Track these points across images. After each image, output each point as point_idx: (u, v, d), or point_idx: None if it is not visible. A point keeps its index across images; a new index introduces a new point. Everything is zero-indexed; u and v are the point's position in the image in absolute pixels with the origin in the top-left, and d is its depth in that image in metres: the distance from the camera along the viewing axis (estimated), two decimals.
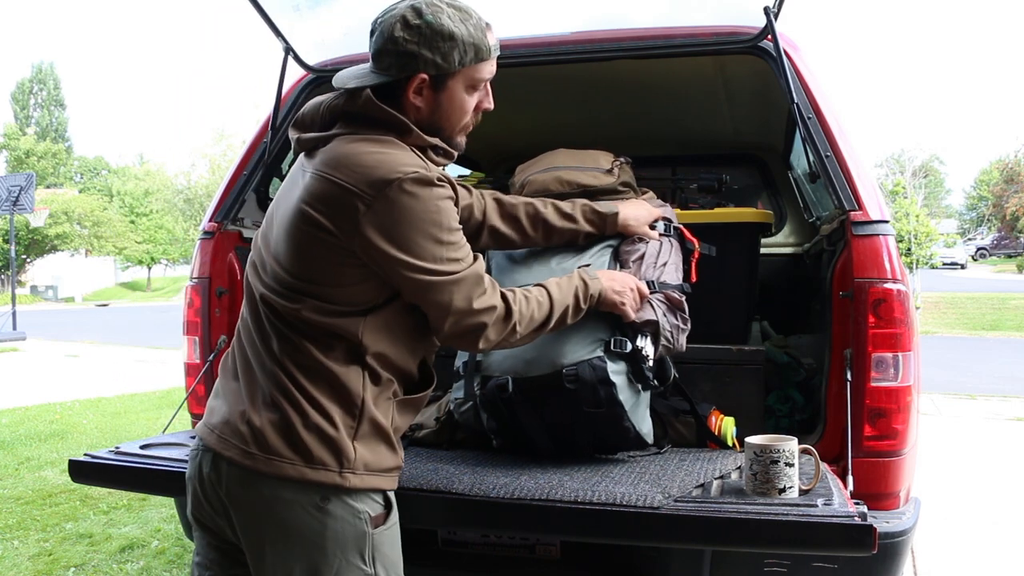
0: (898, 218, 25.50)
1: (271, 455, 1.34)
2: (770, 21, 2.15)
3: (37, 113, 55.69)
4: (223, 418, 1.41)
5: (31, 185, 16.45)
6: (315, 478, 1.34)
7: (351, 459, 1.36)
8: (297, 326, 1.38)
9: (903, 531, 1.85)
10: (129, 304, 37.73)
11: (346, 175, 1.35)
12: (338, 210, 1.34)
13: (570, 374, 1.81)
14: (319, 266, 1.38)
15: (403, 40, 1.39)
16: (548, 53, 2.51)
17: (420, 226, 1.35)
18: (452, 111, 1.47)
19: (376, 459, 1.40)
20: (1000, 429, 6.70)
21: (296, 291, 1.39)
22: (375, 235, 1.34)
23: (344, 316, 1.38)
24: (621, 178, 2.29)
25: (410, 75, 1.41)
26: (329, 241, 1.35)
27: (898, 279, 1.96)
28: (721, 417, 2.07)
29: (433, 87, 1.43)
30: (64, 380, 9.75)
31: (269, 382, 1.39)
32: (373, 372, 1.41)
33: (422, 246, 1.36)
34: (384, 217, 1.33)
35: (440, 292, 1.39)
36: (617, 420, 1.85)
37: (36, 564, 3.45)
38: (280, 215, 1.45)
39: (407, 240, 1.35)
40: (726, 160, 3.85)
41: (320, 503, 1.35)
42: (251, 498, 1.36)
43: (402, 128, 1.42)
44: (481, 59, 1.44)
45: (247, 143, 2.73)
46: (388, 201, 1.33)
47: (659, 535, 1.62)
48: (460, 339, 1.46)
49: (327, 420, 1.36)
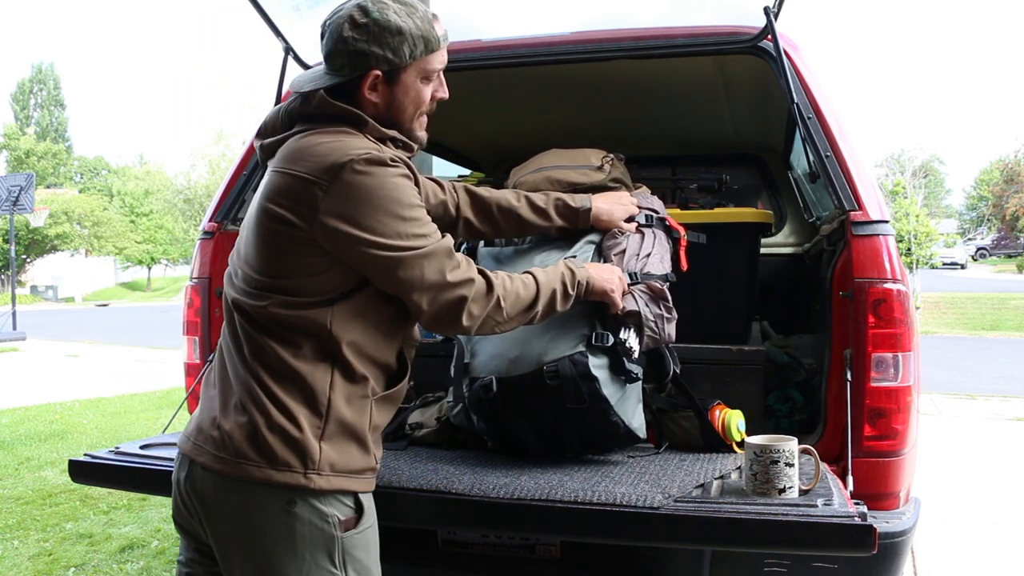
0: (898, 218, 25.50)
1: (239, 458, 1.35)
2: (770, 21, 2.15)
3: (37, 113, 55.70)
4: (197, 425, 1.43)
5: (31, 185, 16.46)
6: (280, 480, 1.34)
7: (316, 460, 1.35)
8: (265, 326, 1.38)
9: (903, 531, 1.85)
10: (129, 304, 37.73)
11: (301, 166, 1.37)
12: (297, 201, 1.35)
13: (551, 371, 1.81)
14: (284, 260, 1.38)
15: (352, 39, 1.42)
16: (548, 53, 2.51)
17: (378, 203, 1.36)
18: (407, 103, 1.49)
19: (344, 460, 1.39)
20: (1000, 429, 6.70)
21: (263, 288, 1.39)
22: (335, 220, 1.34)
23: (311, 307, 1.38)
24: (612, 174, 2.28)
25: (363, 73, 1.44)
26: (292, 234, 1.36)
27: (898, 279, 1.96)
28: (725, 410, 2.06)
29: (387, 82, 1.46)
30: (64, 380, 9.75)
31: (240, 387, 1.39)
32: (345, 369, 1.40)
33: (384, 223, 1.36)
34: (341, 200, 1.34)
35: (410, 268, 1.38)
36: (603, 415, 1.84)
37: (36, 564, 3.45)
38: (247, 220, 1.47)
39: (367, 219, 1.35)
40: (726, 160, 3.85)
41: (286, 506, 1.34)
42: (221, 502, 1.37)
43: (357, 121, 1.44)
44: (431, 50, 1.46)
45: (247, 143, 2.73)
46: (343, 184, 1.34)
47: (659, 535, 1.62)
48: (442, 317, 1.44)
49: (291, 421, 1.35)
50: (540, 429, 1.93)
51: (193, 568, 1.51)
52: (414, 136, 1.53)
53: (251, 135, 2.72)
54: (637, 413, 1.94)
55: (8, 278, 27.36)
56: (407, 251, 1.37)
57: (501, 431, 1.97)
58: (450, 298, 1.42)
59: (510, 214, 1.93)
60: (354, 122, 1.44)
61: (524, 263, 2.04)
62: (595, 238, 2.06)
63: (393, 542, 2.02)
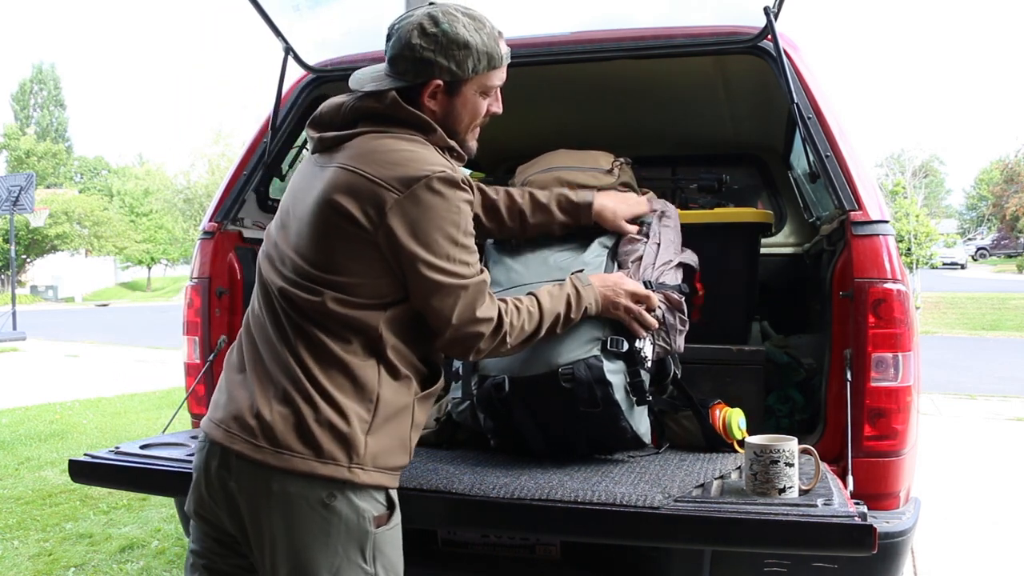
0: (898, 218, 25.50)
1: (281, 449, 1.35)
2: (770, 21, 2.15)
3: (37, 113, 55.70)
4: (229, 412, 1.41)
5: (31, 185, 16.46)
6: (324, 472, 1.35)
7: (361, 454, 1.38)
8: (316, 319, 1.40)
9: (903, 531, 1.86)
10: (129, 304, 37.74)
11: (375, 170, 1.39)
12: (367, 203, 1.37)
13: (566, 373, 1.81)
14: (343, 258, 1.40)
15: (420, 47, 1.44)
16: (548, 53, 2.51)
17: (441, 224, 1.39)
18: (464, 115, 1.52)
19: (385, 456, 1.42)
20: (1000, 429, 6.70)
21: (318, 283, 1.40)
22: (400, 229, 1.37)
23: (366, 309, 1.40)
24: (621, 178, 2.29)
25: (425, 81, 1.46)
26: (355, 233, 1.38)
27: (898, 279, 1.96)
28: (725, 409, 2.07)
29: (447, 92, 1.49)
30: (64, 380, 9.75)
31: (282, 375, 1.39)
32: (391, 367, 1.43)
33: (440, 244, 1.40)
34: (410, 213, 1.37)
35: (447, 296, 1.42)
36: (614, 420, 1.85)
37: (36, 564, 3.45)
38: (301, 210, 1.46)
39: (427, 237, 1.39)
40: (726, 160, 3.85)
41: (326, 499, 1.35)
42: (259, 492, 1.37)
43: (427, 128, 1.47)
44: (493, 67, 1.51)
45: (247, 143, 2.73)
46: (415, 198, 1.37)
47: (659, 535, 1.62)
48: (455, 347, 1.50)
49: (340, 415, 1.37)
50: (548, 430, 1.93)
51: (209, 559, 1.50)
52: (466, 147, 1.56)
53: (250, 135, 2.73)
54: (643, 419, 1.95)
55: (8, 278, 27.37)
56: (451, 276, 1.42)
57: (507, 431, 1.97)
58: (470, 332, 1.47)
59: (514, 211, 1.94)
60: (423, 129, 1.46)
61: (537, 262, 2.04)
62: (608, 242, 2.06)
63: None
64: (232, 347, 1.54)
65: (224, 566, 1.49)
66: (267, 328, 1.45)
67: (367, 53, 2.69)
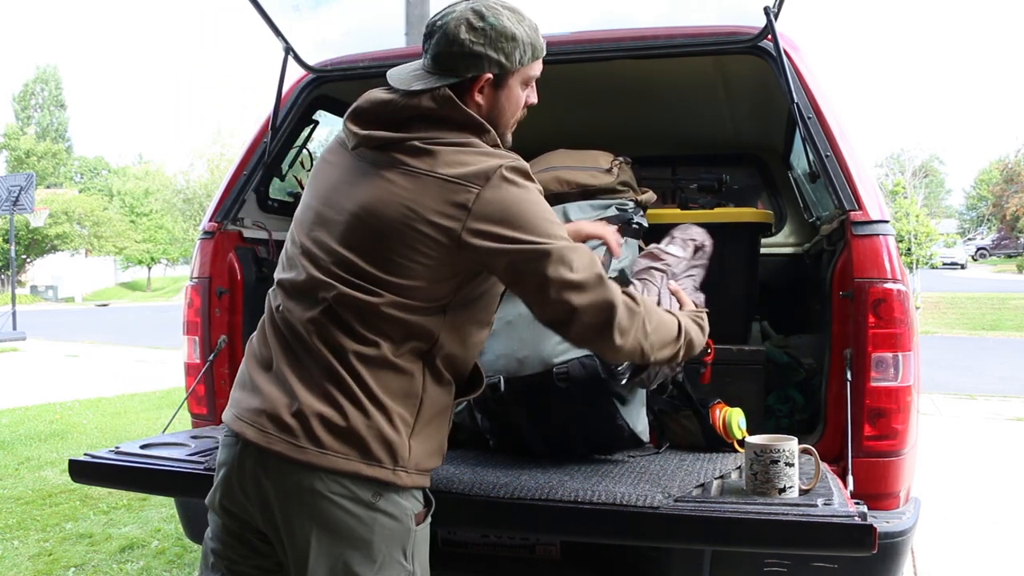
0: (898, 218, 25.51)
1: (324, 449, 1.34)
2: (770, 21, 2.15)
3: (38, 114, 55.71)
4: (263, 409, 1.38)
5: (31, 185, 16.45)
6: (369, 474, 1.35)
7: (405, 457, 1.38)
8: (369, 319, 1.37)
9: (903, 531, 1.86)
10: (129, 304, 37.74)
11: (447, 170, 1.37)
12: (446, 203, 1.35)
13: (561, 372, 1.81)
14: (409, 261, 1.37)
15: (470, 42, 1.43)
16: (548, 53, 2.50)
17: (527, 208, 1.39)
18: (508, 108, 1.51)
19: (426, 459, 1.42)
20: (1000, 429, 6.70)
21: (377, 284, 1.37)
22: (488, 221, 1.35)
23: (423, 313, 1.39)
24: (620, 177, 2.29)
25: (476, 75, 1.45)
26: (430, 236, 1.35)
27: (898, 279, 1.96)
28: (725, 409, 2.07)
29: (495, 86, 1.48)
30: (64, 380, 9.75)
31: (324, 375, 1.37)
32: (436, 372, 1.43)
33: (535, 223, 1.38)
34: (495, 202, 1.36)
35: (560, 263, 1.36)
36: (610, 419, 1.85)
37: (36, 564, 3.45)
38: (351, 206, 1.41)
39: (519, 219, 1.37)
40: (726, 160, 3.85)
41: (372, 499, 1.36)
42: (299, 491, 1.36)
43: (480, 128, 1.46)
44: (536, 57, 1.51)
45: (247, 143, 2.73)
46: (496, 187, 1.37)
47: (659, 535, 1.62)
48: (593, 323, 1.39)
49: (385, 416, 1.37)
50: (545, 430, 1.93)
51: (231, 560, 1.48)
52: (506, 141, 1.54)
53: (250, 135, 2.73)
54: (641, 417, 1.95)
55: (8, 278, 27.36)
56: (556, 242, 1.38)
57: (505, 430, 1.97)
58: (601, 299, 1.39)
59: None
60: (478, 130, 1.45)
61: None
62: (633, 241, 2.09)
63: None
64: (253, 340, 1.50)
65: (246, 568, 1.47)
66: (305, 325, 1.40)
67: (367, 53, 2.69)
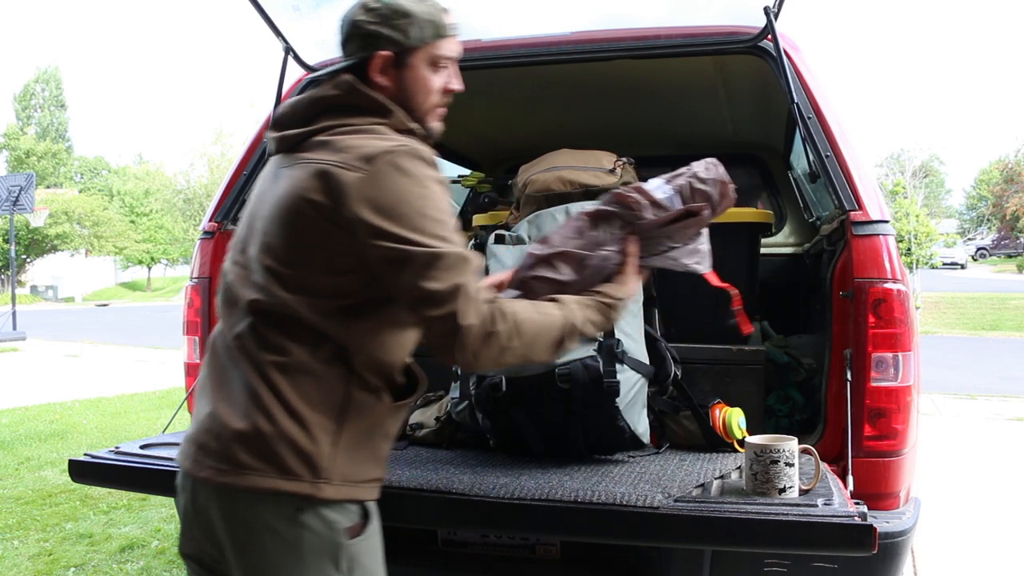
0: (898, 218, 25.51)
1: (243, 469, 1.32)
2: (770, 21, 2.15)
3: (38, 114, 55.72)
4: (195, 438, 1.39)
5: (31, 185, 16.45)
6: (288, 489, 1.31)
7: (326, 469, 1.32)
8: (284, 325, 1.35)
9: (903, 531, 1.85)
10: (129, 304, 37.73)
11: (338, 156, 1.34)
12: (330, 187, 1.32)
13: (563, 373, 1.81)
14: (310, 254, 1.35)
15: (364, 22, 1.43)
16: (548, 53, 2.51)
17: (407, 198, 1.31)
18: (417, 90, 1.47)
19: (355, 470, 1.36)
20: (1000, 429, 6.70)
21: (287, 285, 1.35)
22: (363, 206, 1.30)
23: (340, 315, 1.35)
24: (623, 178, 2.30)
25: (372, 53, 1.44)
26: (320, 223, 1.32)
27: (898, 279, 1.96)
28: (725, 409, 2.07)
29: (396, 65, 1.45)
30: (64, 380, 9.75)
31: (244, 391, 1.35)
32: (361, 378, 1.37)
33: (408, 217, 1.30)
34: (373, 187, 1.30)
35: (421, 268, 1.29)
36: (611, 420, 1.85)
37: (36, 564, 3.45)
38: (266, 211, 1.42)
39: (393, 210, 1.30)
40: (726, 160, 3.84)
41: (294, 515, 1.32)
42: (228, 514, 1.35)
43: (384, 111, 1.43)
44: (440, 36, 1.46)
45: (247, 143, 2.73)
46: (378, 172, 1.31)
47: (659, 535, 1.62)
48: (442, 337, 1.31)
49: (302, 427, 1.32)
50: (546, 430, 1.93)
51: None
52: (428, 128, 1.50)
53: (251, 135, 2.73)
54: (642, 419, 1.95)
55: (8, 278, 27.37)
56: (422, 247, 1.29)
57: (506, 431, 1.97)
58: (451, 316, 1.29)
59: None
60: (381, 112, 1.43)
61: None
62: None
63: (393, 542, 2.03)
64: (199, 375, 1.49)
65: None
66: (231, 344, 1.39)
67: None
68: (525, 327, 1.34)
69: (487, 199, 2.95)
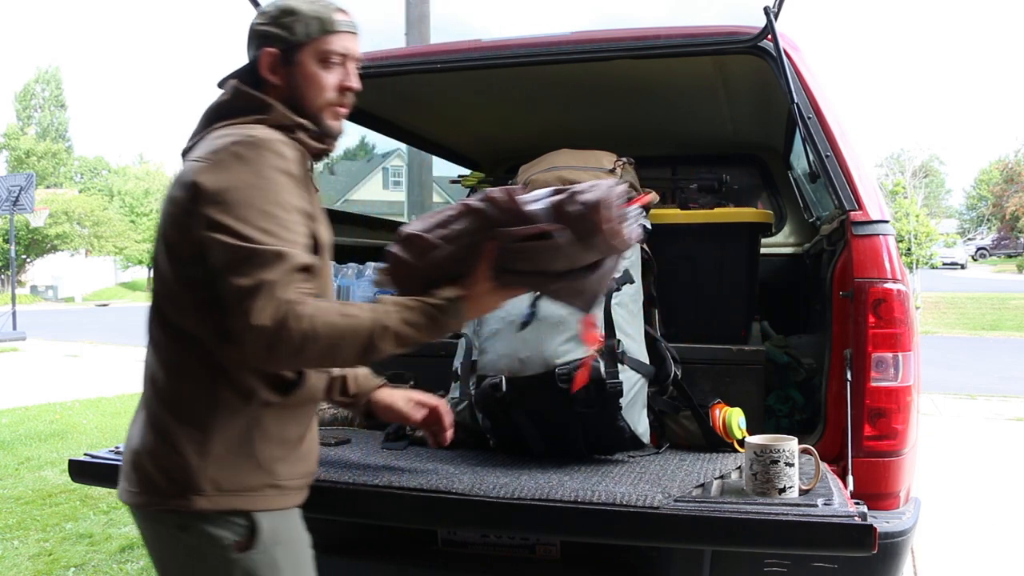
0: (898, 218, 25.52)
1: (132, 488, 1.36)
2: (770, 21, 2.15)
3: (38, 114, 55.72)
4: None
5: (31, 185, 16.44)
6: (167, 506, 1.31)
7: (195, 481, 1.30)
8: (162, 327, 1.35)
9: (903, 531, 1.85)
10: (129, 304, 37.70)
11: (198, 154, 1.34)
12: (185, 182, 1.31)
13: (563, 373, 1.81)
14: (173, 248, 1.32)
15: (256, 24, 1.47)
16: (548, 53, 2.51)
17: (239, 186, 1.27)
18: (307, 86, 1.45)
19: (232, 478, 1.32)
20: (1000, 429, 6.70)
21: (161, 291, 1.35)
22: (201, 195, 1.27)
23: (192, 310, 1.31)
24: (623, 178, 2.30)
25: (260, 52, 1.45)
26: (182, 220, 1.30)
27: (898, 279, 1.96)
28: (725, 409, 2.07)
29: (284, 63, 1.45)
30: (64, 380, 9.75)
31: (141, 410, 1.40)
32: (230, 381, 1.32)
33: (236, 206, 1.26)
34: (212, 177, 1.28)
35: (239, 262, 1.23)
36: (611, 420, 1.85)
37: (36, 564, 3.45)
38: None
39: (223, 196, 1.27)
40: (726, 160, 3.85)
41: (179, 532, 1.32)
42: (143, 533, 1.41)
43: (262, 107, 1.42)
44: (326, 31, 1.45)
45: None
46: (219, 163, 1.29)
47: (659, 535, 1.62)
48: (243, 338, 1.23)
49: (167, 442, 1.32)
50: (546, 430, 1.93)
51: None
52: (323, 125, 1.47)
53: None
54: (642, 419, 1.95)
55: (8, 278, 27.37)
56: (241, 240, 1.23)
57: (505, 430, 1.97)
58: (247, 315, 1.22)
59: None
60: (260, 109, 1.42)
61: None
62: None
63: (393, 542, 2.03)
64: None
65: None
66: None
67: (367, 53, 2.69)
68: (323, 331, 1.23)
69: None
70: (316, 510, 1.50)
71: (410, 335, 1.31)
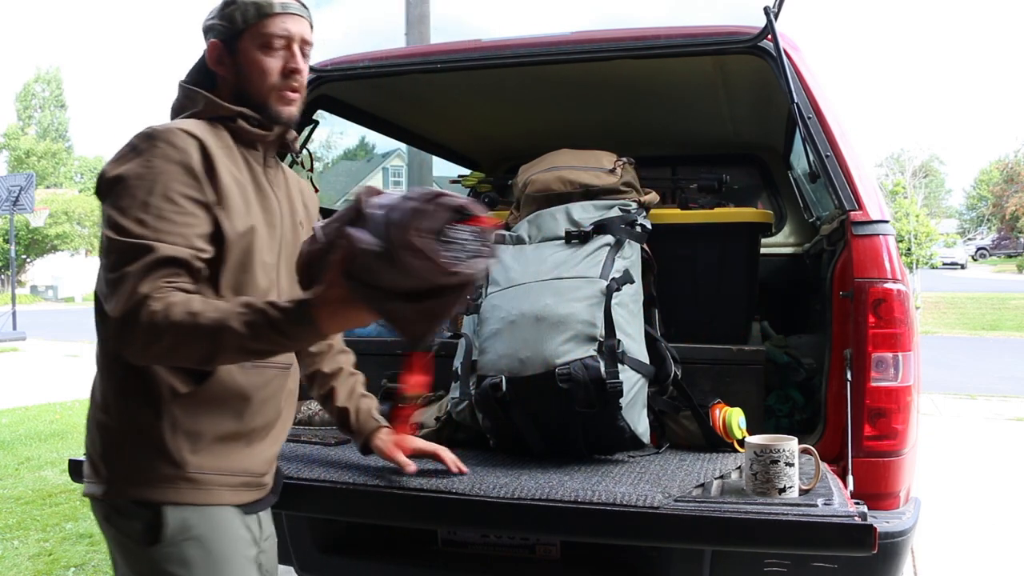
0: (898, 218, 25.53)
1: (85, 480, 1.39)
2: (770, 21, 2.15)
3: (38, 114, 55.73)
4: None
5: (31, 185, 16.44)
6: (87, 492, 1.37)
7: (104, 469, 1.34)
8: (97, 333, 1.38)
9: (903, 531, 1.85)
10: None
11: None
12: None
13: (563, 373, 1.81)
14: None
15: (205, 21, 1.48)
16: (548, 53, 2.51)
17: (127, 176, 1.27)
18: (252, 72, 1.45)
19: (136, 469, 1.31)
20: (1000, 429, 6.70)
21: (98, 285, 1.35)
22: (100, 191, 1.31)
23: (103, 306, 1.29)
24: (624, 178, 2.30)
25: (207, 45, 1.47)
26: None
27: (898, 279, 1.96)
28: (725, 409, 2.07)
29: (228, 52, 1.46)
30: (64, 380, 9.75)
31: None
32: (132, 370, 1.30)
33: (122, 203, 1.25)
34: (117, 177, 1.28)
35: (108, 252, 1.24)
36: (611, 420, 1.85)
37: (36, 564, 3.45)
38: None
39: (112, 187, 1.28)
40: (726, 160, 3.85)
41: (105, 521, 1.36)
42: None
43: (196, 99, 1.45)
44: (264, 15, 1.44)
45: None
46: (120, 156, 1.31)
47: (659, 535, 1.62)
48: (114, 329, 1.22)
49: (92, 432, 1.38)
50: (546, 430, 1.93)
51: None
52: (269, 111, 1.45)
53: None
54: (642, 419, 1.95)
55: (8, 278, 27.37)
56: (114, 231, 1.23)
57: (505, 430, 1.97)
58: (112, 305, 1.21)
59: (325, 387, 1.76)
60: (195, 102, 1.44)
61: (536, 263, 2.04)
62: (610, 240, 2.06)
63: (393, 542, 2.03)
64: None
65: None
66: None
67: (367, 53, 2.70)
68: (165, 328, 1.18)
69: (487, 199, 2.95)
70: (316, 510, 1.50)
71: (247, 339, 1.18)
